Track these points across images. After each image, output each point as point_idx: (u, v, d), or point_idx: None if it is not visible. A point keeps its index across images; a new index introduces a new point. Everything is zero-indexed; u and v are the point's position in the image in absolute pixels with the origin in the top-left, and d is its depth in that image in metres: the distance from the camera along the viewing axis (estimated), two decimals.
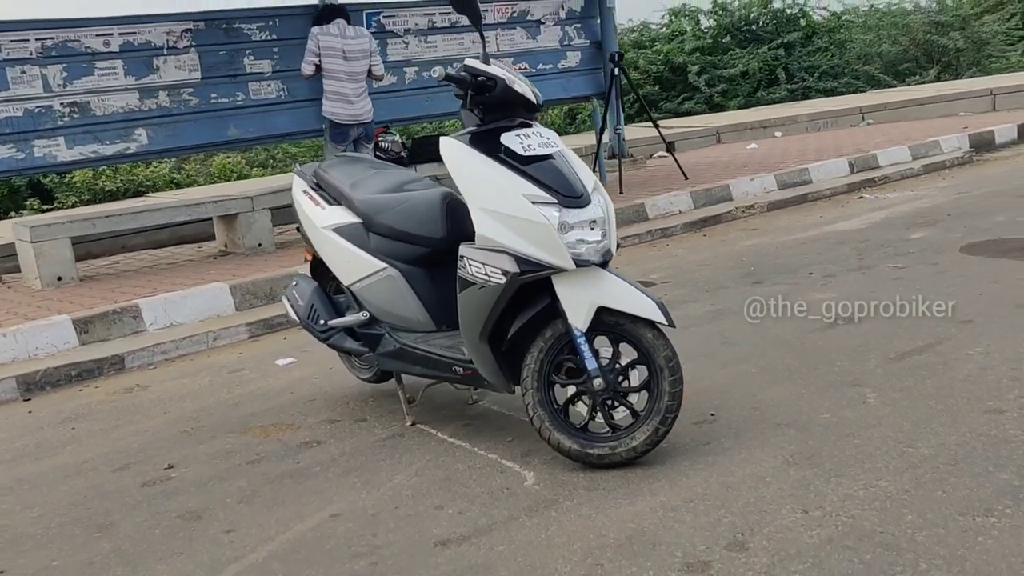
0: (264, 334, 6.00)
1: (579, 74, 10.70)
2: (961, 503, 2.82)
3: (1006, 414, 3.43)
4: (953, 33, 19.35)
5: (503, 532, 2.99)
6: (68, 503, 3.64)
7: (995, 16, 20.93)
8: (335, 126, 7.87)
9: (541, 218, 3.23)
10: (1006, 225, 6.65)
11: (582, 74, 10.73)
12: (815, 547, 2.66)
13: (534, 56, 10.26)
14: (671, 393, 3.29)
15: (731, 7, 20.61)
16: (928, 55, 19.69)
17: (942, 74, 19.08)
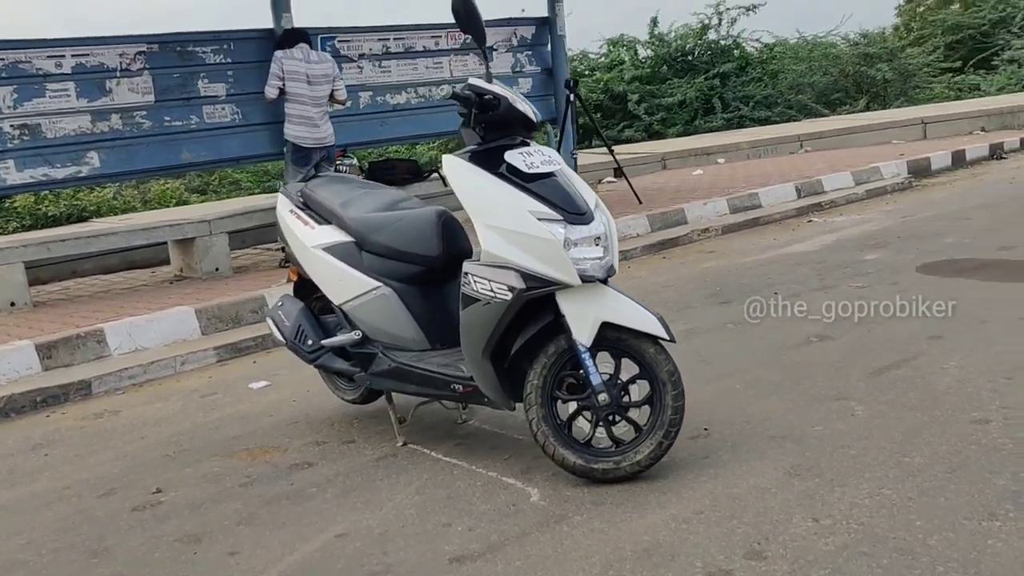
0: (233, 358, 5.91)
1: (531, 100, 10.72)
2: (965, 508, 2.91)
3: (991, 423, 3.55)
4: (881, 64, 20.01)
5: (517, 548, 2.99)
6: (56, 529, 3.55)
7: (920, 49, 21.70)
8: (298, 149, 7.83)
9: (548, 234, 3.26)
10: (955, 247, 6.88)
11: (534, 100, 10.59)
12: (832, 554, 2.72)
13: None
14: (673, 407, 3.34)
15: (668, 38, 20.99)
16: (857, 85, 20.31)
17: (871, 104, 19.69)
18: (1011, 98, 17.48)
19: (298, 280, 4.42)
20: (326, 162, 8.07)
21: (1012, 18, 24.81)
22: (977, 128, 14.44)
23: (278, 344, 5.90)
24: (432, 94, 9.94)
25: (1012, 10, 25.03)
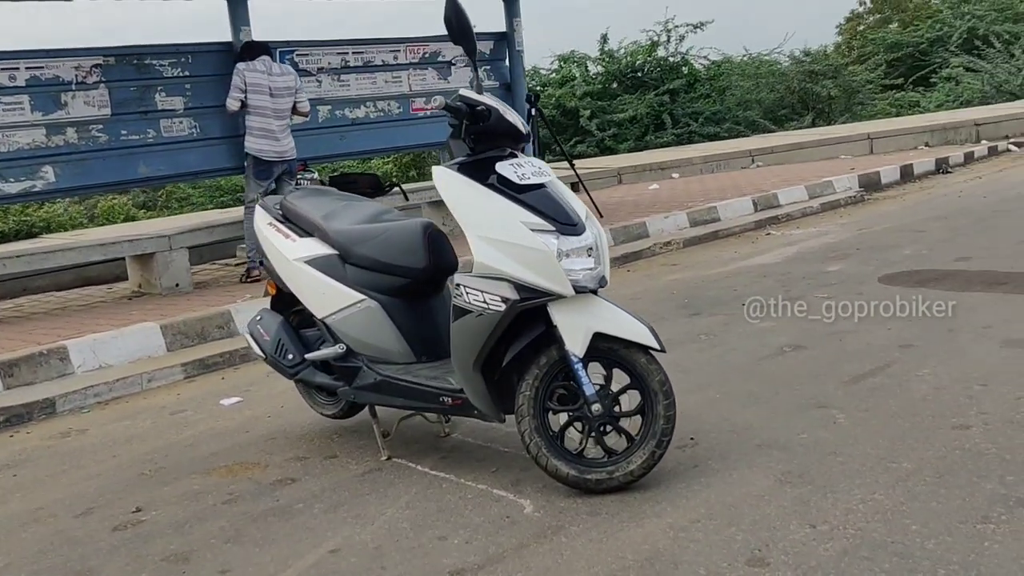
0: (200, 374, 5.82)
1: None
2: (957, 512, 2.96)
3: (972, 429, 3.62)
4: (826, 81, 20.43)
5: (517, 560, 2.98)
6: (35, 551, 3.45)
7: (863, 66, 22.20)
8: (259, 163, 7.74)
9: (541, 245, 3.27)
10: (914, 258, 7.03)
11: None
12: (833, 559, 2.75)
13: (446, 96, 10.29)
14: (665, 416, 3.36)
15: (618, 55, 21.23)
16: (803, 102, 20.71)
17: (817, 120, 20.09)
18: (952, 114, 17.94)
19: (276, 294, 4.37)
20: (287, 176, 7.99)
21: (948, 37, 25.50)
22: (921, 143, 14.80)
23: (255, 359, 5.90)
24: (391, 108, 9.92)
25: (948, 29, 25.75)
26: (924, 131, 15.08)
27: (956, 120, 15.65)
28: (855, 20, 30.65)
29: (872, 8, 31.27)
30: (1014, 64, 21.81)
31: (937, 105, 22.07)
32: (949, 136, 15.09)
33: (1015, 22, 25.61)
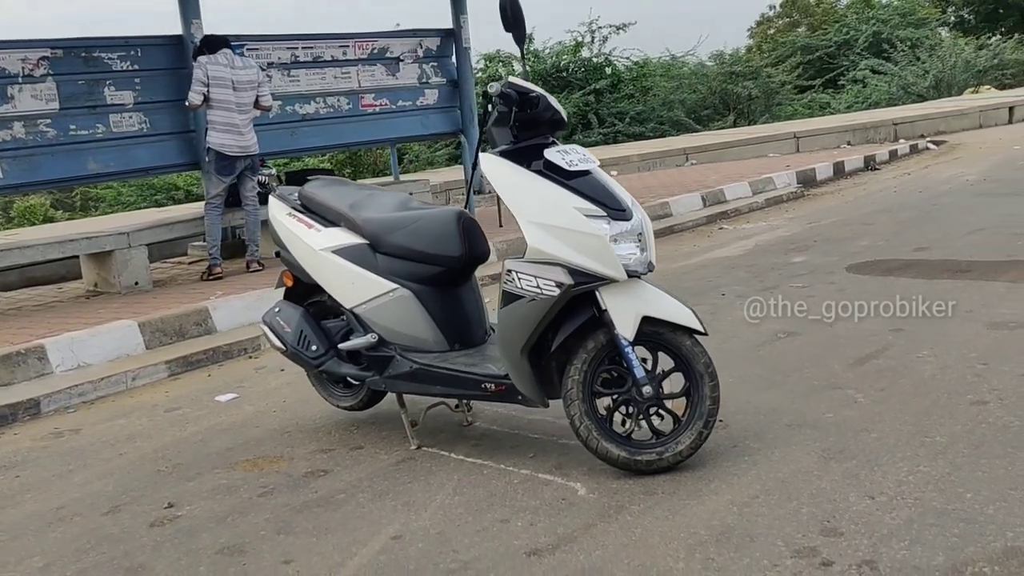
0: (185, 372, 5.69)
1: (437, 111, 10.76)
2: (1005, 480, 3.12)
3: (990, 404, 3.81)
4: (746, 82, 20.98)
5: (589, 539, 3.02)
6: (72, 549, 3.35)
7: (779, 68, 22.86)
8: (222, 158, 7.57)
9: (596, 230, 3.32)
10: (873, 249, 7.30)
11: (440, 112, 10.81)
12: (903, 527, 2.87)
13: (394, 93, 10.27)
14: (711, 397, 3.45)
15: (543, 55, 21.40)
16: (724, 102, 21.21)
17: (738, 120, 20.60)
18: (871, 114, 18.63)
19: (293, 285, 4.32)
20: (250, 171, 7.85)
21: (855, 40, 26.49)
22: (843, 142, 15.32)
23: (239, 355, 5.82)
24: (341, 104, 9.83)
25: (854, 33, 26.73)
26: (846, 130, 15.63)
27: (875, 120, 16.26)
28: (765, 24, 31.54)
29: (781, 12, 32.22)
30: (920, 67, 22.73)
31: (847, 106, 22.88)
32: (869, 135, 15.67)
33: (917, 27, 26.76)
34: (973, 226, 7.76)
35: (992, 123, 17.11)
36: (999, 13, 33.31)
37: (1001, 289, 5.63)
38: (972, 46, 24.47)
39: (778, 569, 2.70)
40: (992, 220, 7.94)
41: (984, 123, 17.03)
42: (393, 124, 10.39)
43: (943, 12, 30.56)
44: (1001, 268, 6.16)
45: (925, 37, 25.71)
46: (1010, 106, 17.67)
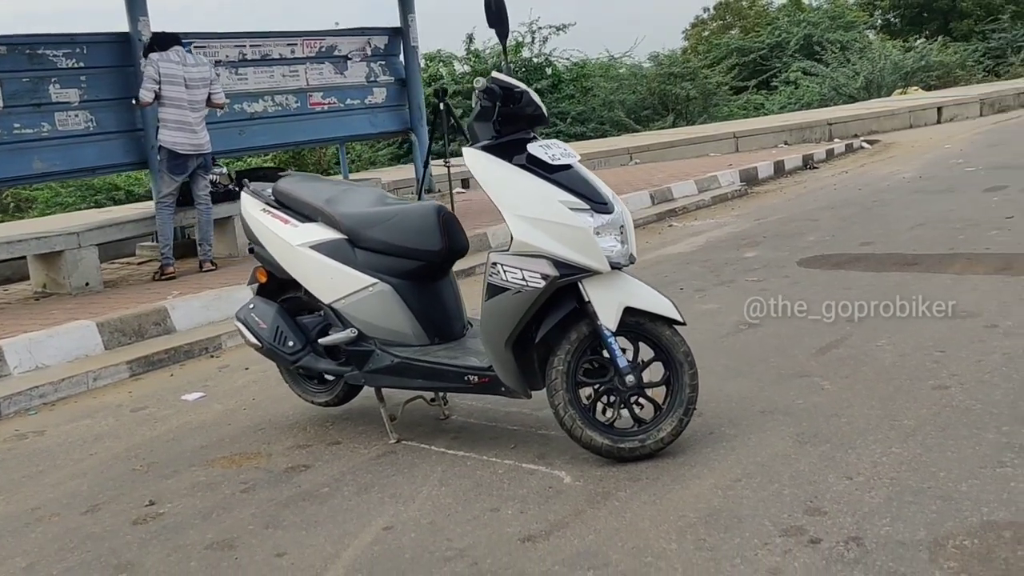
0: (146, 372, 5.63)
1: (385, 110, 10.75)
2: (974, 459, 3.26)
3: (951, 389, 3.96)
4: (685, 83, 21.30)
5: (581, 524, 3.09)
6: (55, 549, 3.32)
7: (717, 69, 23.26)
8: (174, 156, 7.48)
9: (580, 223, 3.39)
10: (821, 244, 7.49)
11: (388, 110, 10.80)
12: (883, 505, 2.99)
13: (342, 91, 10.23)
14: (691, 385, 3.54)
15: (484, 54, 21.47)
16: (663, 103, 21.50)
17: (677, 120, 20.90)
18: (807, 114, 19.05)
19: (266, 281, 4.31)
20: (203, 170, 7.76)
21: (787, 43, 27.04)
22: (781, 142, 15.65)
23: (201, 355, 5.77)
24: (289, 102, 9.78)
25: (786, 35, 27.29)
26: (783, 130, 15.97)
27: (811, 120, 16.64)
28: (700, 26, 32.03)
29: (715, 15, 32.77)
30: (852, 68, 23.30)
31: (781, 107, 23.34)
32: (805, 135, 16.02)
33: (846, 30, 27.41)
34: (914, 221, 8.01)
35: (922, 123, 17.62)
36: (923, 17, 34.26)
37: (948, 281, 5.83)
38: (899, 48, 25.15)
39: (768, 547, 2.80)
40: (932, 216, 8.20)
41: (914, 123, 17.52)
42: (342, 123, 10.36)
43: (870, 16, 31.31)
44: (946, 261, 6.38)
45: (854, 40, 26.32)
46: (938, 107, 18.21)
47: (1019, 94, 19.86)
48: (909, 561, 2.65)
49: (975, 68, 27.16)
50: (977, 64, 27.65)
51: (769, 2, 32.36)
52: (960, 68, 26.21)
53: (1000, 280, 5.71)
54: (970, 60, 27.38)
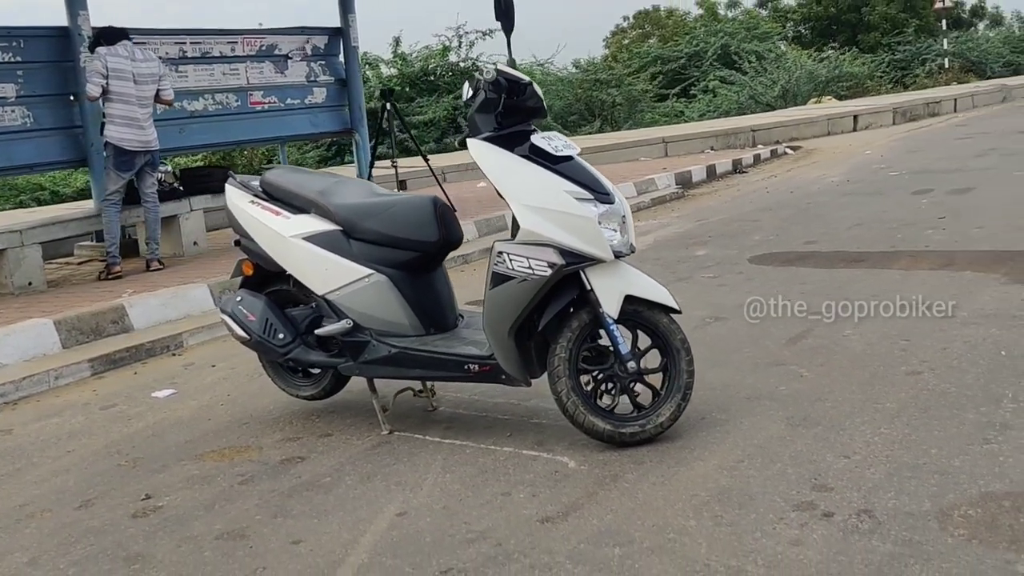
0: (109, 370, 5.51)
1: (325, 110, 10.67)
2: (960, 438, 3.43)
3: (923, 374, 4.15)
4: (611, 90, 21.60)
5: (596, 505, 3.16)
6: (56, 544, 3.26)
7: (641, 77, 23.65)
8: (121, 153, 7.32)
9: (586, 212, 3.47)
10: (767, 243, 7.72)
11: (328, 110, 10.72)
12: (885, 480, 3.13)
13: (282, 91, 10.13)
14: (688, 371, 3.65)
15: (411, 58, 21.44)
16: (590, 109, 21.76)
17: (604, 126, 21.18)
18: (732, 121, 19.53)
19: (252, 274, 4.28)
20: (150, 168, 7.62)
21: (704, 52, 27.64)
22: (707, 147, 16.02)
23: (163, 352, 5.67)
24: (229, 101, 9.65)
25: (704, 45, 27.90)
26: (709, 136, 16.35)
27: (736, 126, 17.07)
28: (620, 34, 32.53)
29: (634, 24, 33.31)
30: (769, 78, 23.95)
31: (700, 115, 23.85)
32: (731, 140, 16.43)
33: (761, 40, 28.16)
34: (851, 222, 8.30)
35: (839, 130, 18.21)
36: (832, 29, 35.46)
37: (896, 276, 6.07)
38: (813, 59, 25.94)
39: (785, 522, 2.91)
40: (866, 217, 8.51)
41: (832, 130, 18.10)
42: (282, 122, 10.27)
43: (783, 27, 32.22)
44: (890, 258, 6.65)
45: (769, 50, 27.07)
46: (854, 115, 18.85)
47: (928, 104, 20.67)
48: (921, 530, 2.78)
49: (883, 79, 28.20)
50: (884, 75, 28.72)
51: (686, 12, 33.09)
52: (869, 79, 27.20)
53: (946, 275, 5.97)
54: (878, 71, 28.43)
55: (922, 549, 2.68)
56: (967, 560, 2.60)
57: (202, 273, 7.20)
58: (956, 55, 30.70)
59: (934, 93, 23.43)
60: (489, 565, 2.82)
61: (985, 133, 15.54)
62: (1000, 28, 38.62)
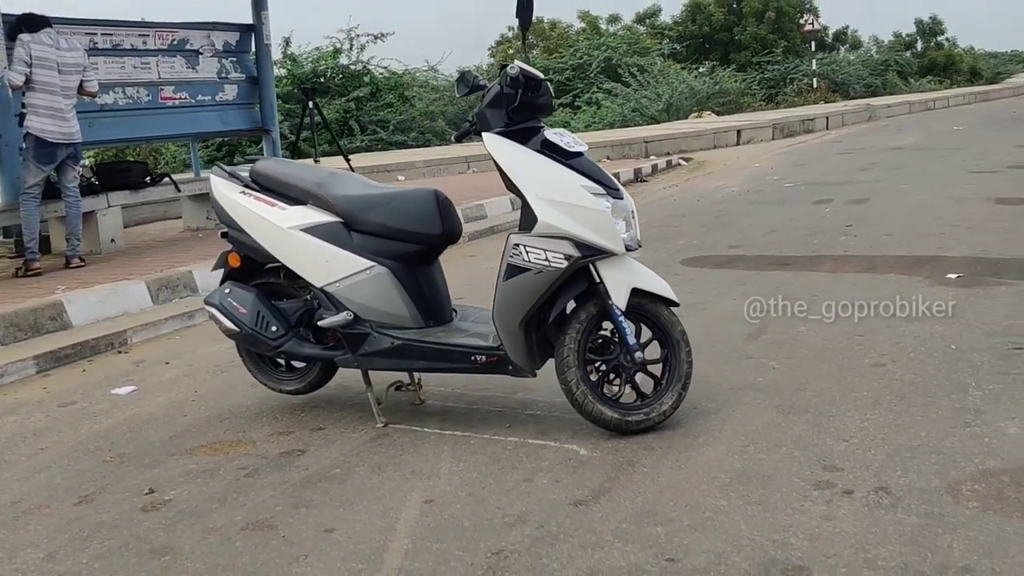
0: (55, 368, 5.30)
1: (236, 108, 10.47)
2: (943, 421, 3.68)
3: (887, 366, 4.42)
4: None
5: (622, 489, 3.26)
6: (68, 539, 3.16)
7: None
8: (43, 145, 7.01)
9: (601, 206, 3.58)
10: (693, 247, 7.99)
11: (239, 108, 10.53)
12: (888, 460, 3.34)
13: (194, 86, 9.91)
14: (687, 361, 3.80)
15: (301, 59, 21.15)
16: None
17: None
18: (626, 132, 20.06)
19: (239, 266, 4.21)
20: (72, 160, 7.33)
21: (588, 65, 28.20)
22: (604, 156, 16.38)
23: (108, 349, 5.49)
24: (140, 96, 9.37)
25: (588, 58, 28.46)
26: (606, 145, 16.75)
27: (630, 137, 17.57)
28: (505, 44, 32.80)
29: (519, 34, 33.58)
30: (654, 91, 24.64)
31: (586, 125, 24.31)
32: (625, 151, 16.90)
33: (642, 56, 28.92)
34: (765, 228, 8.68)
35: (724, 144, 18.94)
36: (706, 47, 36.72)
37: (826, 279, 6.41)
38: (694, 75, 26.85)
39: (810, 500, 3.08)
40: (778, 224, 8.91)
41: (717, 144, 18.81)
42: (193, 119, 10.06)
43: (660, 43, 33.13)
44: (815, 262, 7.01)
45: (651, 64, 27.85)
46: (738, 129, 19.64)
47: (804, 121, 21.70)
48: (937, 503, 2.99)
49: (755, 96, 29.41)
50: (756, 92, 29.95)
51: (569, 25, 33.61)
52: (742, 96, 28.33)
53: (872, 277, 6.34)
54: (750, 89, 29.64)
55: (945, 520, 2.88)
56: (989, 528, 2.81)
57: (130, 270, 6.98)
58: (822, 76, 32.28)
59: (808, 111, 24.59)
60: (538, 546, 2.89)
61: (862, 149, 16.44)
62: (859, 51, 40.76)
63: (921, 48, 44.18)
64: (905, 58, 40.55)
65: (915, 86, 37.34)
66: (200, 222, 9.54)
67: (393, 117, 20.30)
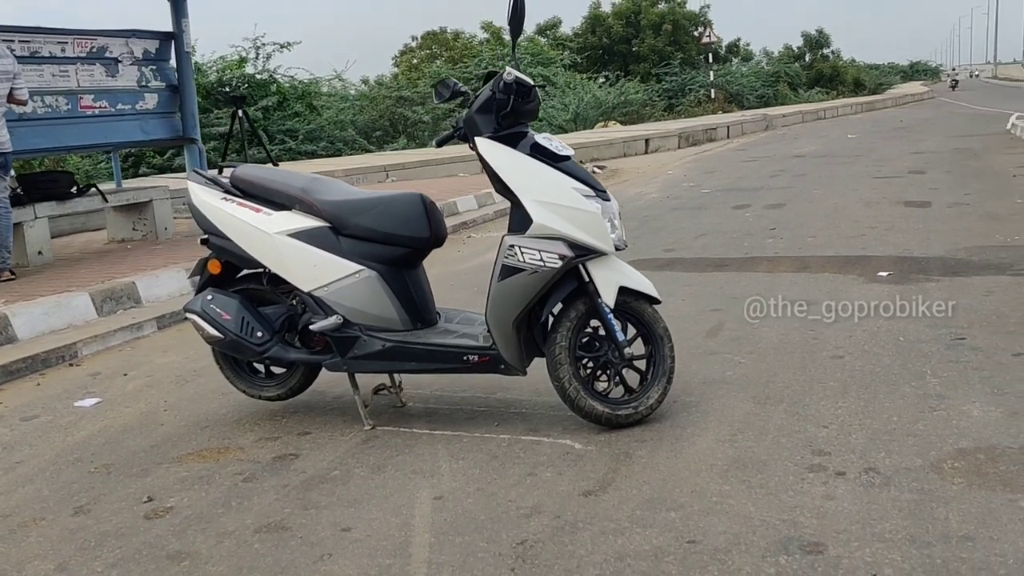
0: (7, 381, 5.15)
1: (156, 117, 10.24)
2: (910, 408, 3.90)
3: (845, 358, 4.65)
4: (417, 107, 21.84)
5: (625, 479, 3.38)
6: (75, 549, 3.12)
7: None
8: None
9: (593, 208, 3.70)
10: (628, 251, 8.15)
11: (159, 117, 10.29)
12: (870, 443, 3.54)
13: (113, 95, 9.67)
14: (671, 356, 3.95)
15: (205, 68, 20.76)
16: (394, 125, 21.88)
17: (409, 142, 21.35)
18: None
19: (219, 273, 4.18)
20: (1, 171, 7.10)
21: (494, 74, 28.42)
22: None
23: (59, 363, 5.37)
24: (59, 104, 9.12)
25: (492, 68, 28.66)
26: None
27: None
28: (408, 53, 32.85)
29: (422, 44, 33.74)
30: (561, 101, 25.02)
31: None
32: None
33: (545, 66, 29.33)
34: (694, 232, 8.96)
35: (634, 152, 19.40)
36: (605, 58, 37.45)
37: (765, 278, 6.67)
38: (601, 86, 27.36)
39: (807, 482, 3.25)
40: (705, 228, 9.21)
41: (627, 152, 19.24)
42: (113, 128, 9.80)
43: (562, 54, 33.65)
44: (750, 263, 7.28)
45: (555, 75, 28.27)
46: (646, 138, 20.13)
47: (707, 130, 22.36)
48: (926, 480, 3.20)
49: (656, 106, 30.13)
50: (657, 103, 30.69)
51: (472, 35, 33.88)
52: (644, 106, 29.00)
53: (808, 276, 6.63)
54: (651, 99, 30.35)
55: (936, 496, 3.09)
56: (978, 500, 3.03)
57: (68, 283, 6.80)
58: (719, 87, 33.27)
59: (709, 120, 25.33)
60: (560, 534, 2.98)
61: (766, 157, 17.04)
62: (751, 63, 42.14)
63: (809, 60, 45.95)
64: (794, 69, 42.09)
65: (804, 96, 38.79)
66: (126, 233, 9.33)
67: (302, 126, 20.11)
